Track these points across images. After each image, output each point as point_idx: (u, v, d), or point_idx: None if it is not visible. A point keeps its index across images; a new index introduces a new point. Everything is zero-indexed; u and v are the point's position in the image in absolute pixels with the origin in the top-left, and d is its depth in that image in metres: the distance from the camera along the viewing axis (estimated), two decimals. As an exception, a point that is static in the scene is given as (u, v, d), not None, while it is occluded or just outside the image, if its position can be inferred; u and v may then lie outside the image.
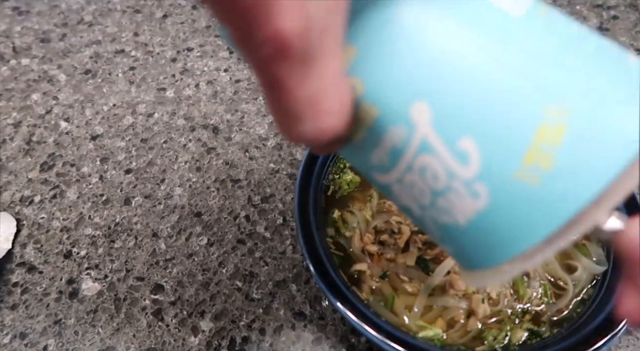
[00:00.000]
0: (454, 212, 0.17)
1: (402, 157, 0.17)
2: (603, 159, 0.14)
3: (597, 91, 0.14)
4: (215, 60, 0.59)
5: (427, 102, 0.16)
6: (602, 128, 0.14)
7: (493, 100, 0.15)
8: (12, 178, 0.47)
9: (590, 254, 0.37)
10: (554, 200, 0.15)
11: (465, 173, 0.16)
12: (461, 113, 0.15)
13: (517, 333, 0.33)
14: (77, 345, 0.37)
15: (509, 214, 0.15)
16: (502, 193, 0.15)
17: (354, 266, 0.37)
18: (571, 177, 0.14)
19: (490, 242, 0.16)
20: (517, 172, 0.15)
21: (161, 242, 0.43)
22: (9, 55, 0.60)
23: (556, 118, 0.14)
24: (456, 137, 0.15)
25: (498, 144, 0.15)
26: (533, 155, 0.14)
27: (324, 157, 0.41)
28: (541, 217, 0.15)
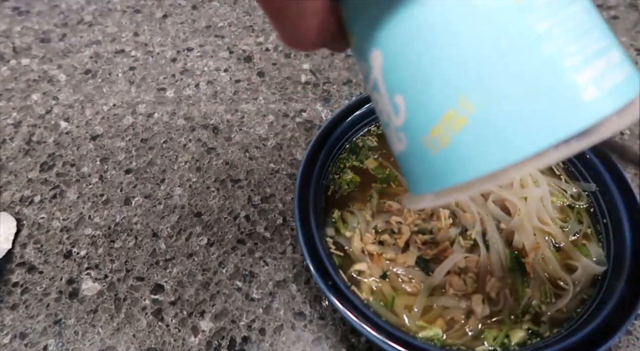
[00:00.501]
0: (390, 142, 0.21)
1: (367, 83, 0.21)
2: (476, 160, 0.17)
3: (507, 102, 0.16)
4: (215, 60, 0.59)
5: (382, 53, 0.18)
6: (489, 137, 0.16)
7: (424, 72, 0.17)
8: (12, 178, 0.47)
9: (590, 254, 0.37)
10: (438, 171, 0.18)
11: (396, 121, 0.19)
12: (401, 73, 0.18)
13: (517, 333, 0.33)
14: (77, 345, 0.37)
15: (414, 164, 0.19)
16: (412, 148, 0.19)
17: (354, 266, 0.37)
18: (455, 161, 0.17)
19: (407, 176, 0.21)
20: (424, 138, 0.18)
21: (161, 242, 0.43)
22: (9, 55, 0.60)
23: (463, 110, 0.16)
24: (394, 91, 0.18)
25: (418, 110, 0.18)
26: (437, 131, 0.17)
27: (324, 157, 0.41)
28: (429, 179, 0.19)
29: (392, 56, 0.18)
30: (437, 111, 0.17)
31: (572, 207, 0.40)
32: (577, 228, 0.39)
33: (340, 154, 0.43)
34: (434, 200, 0.19)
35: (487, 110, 0.16)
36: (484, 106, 0.16)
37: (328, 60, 0.59)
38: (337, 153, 0.43)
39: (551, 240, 0.38)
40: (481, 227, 0.38)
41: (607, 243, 0.37)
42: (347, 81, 0.56)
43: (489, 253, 0.37)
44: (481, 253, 0.37)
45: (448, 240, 0.38)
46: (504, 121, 0.16)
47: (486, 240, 0.37)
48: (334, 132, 0.42)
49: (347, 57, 0.59)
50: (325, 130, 0.42)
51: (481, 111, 0.16)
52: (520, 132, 0.16)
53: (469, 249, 0.37)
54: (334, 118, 0.43)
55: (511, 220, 0.38)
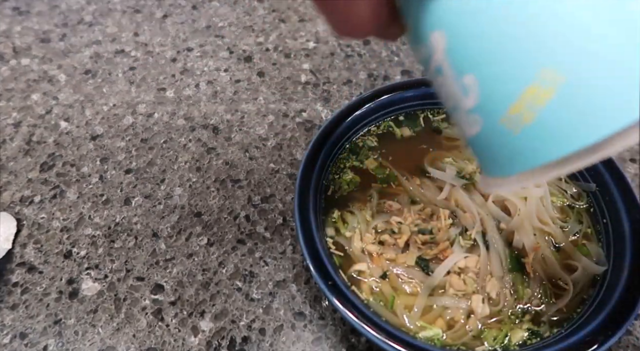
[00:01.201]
0: (461, 126, 0.20)
1: (428, 68, 0.20)
2: (570, 134, 0.15)
3: (599, 64, 0.15)
4: (215, 60, 0.59)
5: (444, 33, 0.17)
6: (583, 106, 0.15)
7: (499, 49, 0.16)
8: (12, 178, 0.47)
9: (590, 254, 0.37)
10: (524, 151, 0.17)
11: (466, 103, 0.18)
12: (469, 52, 0.17)
13: (517, 333, 0.33)
14: (77, 345, 0.37)
15: (493, 146, 0.18)
16: (490, 130, 0.18)
17: (354, 266, 0.37)
18: (542, 138, 0.16)
19: (483, 160, 0.20)
20: (503, 117, 0.17)
21: (161, 242, 0.43)
22: (9, 55, 0.60)
23: (548, 82, 0.15)
24: (463, 72, 0.17)
25: (493, 89, 0.17)
26: (519, 108, 0.16)
27: (324, 157, 0.41)
28: (513, 159, 0.17)
29: (457, 35, 0.17)
30: (516, 88, 0.16)
31: (572, 207, 0.40)
32: (577, 228, 0.39)
33: (340, 154, 0.43)
34: (517, 181, 0.18)
35: (579, 78, 0.15)
36: (575, 74, 0.15)
37: (328, 60, 0.59)
38: (337, 153, 0.43)
39: (551, 240, 0.38)
40: (481, 227, 0.38)
41: (607, 243, 0.37)
42: (347, 81, 0.56)
43: (489, 253, 0.37)
44: (481, 253, 0.37)
45: (448, 240, 0.38)
46: (599, 88, 0.15)
47: (486, 240, 0.37)
48: (334, 132, 0.42)
49: (347, 57, 0.59)
50: (325, 130, 0.42)
51: (572, 80, 0.15)
52: (619, 99, 0.14)
53: (469, 249, 0.37)
54: (334, 118, 0.43)
55: (511, 220, 0.38)
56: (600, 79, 0.15)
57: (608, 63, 0.15)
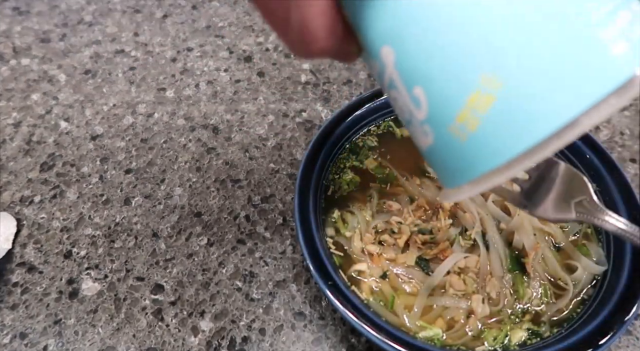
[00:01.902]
0: (416, 139, 0.20)
1: (382, 83, 0.20)
2: (512, 137, 0.16)
3: (535, 67, 0.15)
4: (215, 60, 0.59)
5: (392, 48, 0.18)
6: (522, 109, 0.15)
7: (442, 58, 0.16)
8: (12, 178, 0.47)
9: (590, 254, 0.37)
10: (472, 158, 0.17)
11: (418, 114, 0.18)
12: (416, 64, 0.17)
13: (517, 333, 0.33)
14: (77, 345, 0.37)
15: (445, 156, 0.18)
16: (440, 139, 0.18)
17: (354, 266, 0.37)
18: (487, 143, 0.16)
19: (439, 171, 0.20)
20: (451, 126, 0.17)
21: (161, 242, 0.43)
22: (9, 55, 0.60)
23: (488, 89, 0.16)
24: (412, 83, 0.18)
25: (439, 99, 0.17)
26: (464, 116, 0.17)
27: (324, 157, 0.41)
28: (463, 168, 0.18)
29: (403, 49, 0.17)
30: (460, 96, 0.16)
31: (572, 207, 0.40)
32: (577, 228, 0.39)
33: (340, 154, 0.43)
34: (471, 189, 0.18)
35: (515, 82, 0.15)
36: (510, 79, 0.15)
37: (328, 60, 0.59)
38: (337, 153, 0.43)
39: (551, 240, 0.38)
40: (481, 226, 0.38)
41: (607, 243, 0.37)
42: (347, 81, 0.56)
43: (489, 253, 0.37)
44: (481, 253, 0.37)
45: (448, 240, 0.38)
46: (535, 90, 0.15)
47: (486, 240, 0.37)
48: (334, 132, 0.42)
49: (347, 57, 0.59)
50: (325, 130, 0.42)
51: (509, 85, 0.15)
52: (555, 98, 0.15)
53: (469, 249, 0.37)
54: (334, 118, 0.43)
55: (511, 220, 0.38)
56: (535, 81, 0.15)
57: (540, 65, 0.15)
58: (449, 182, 0.19)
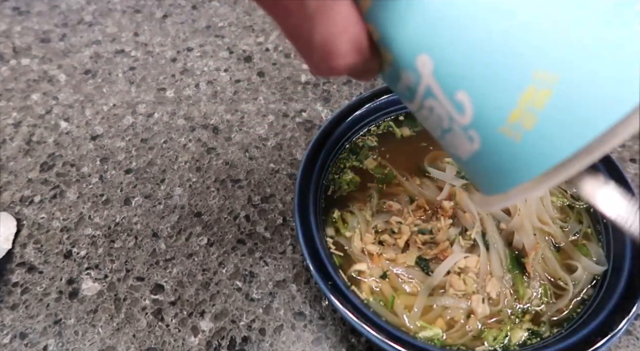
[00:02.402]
0: (457, 148, 0.19)
1: (416, 95, 0.19)
2: (575, 130, 0.15)
3: (592, 60, 0.15)
4: (215, 60, 0.59)
5: (429, 55, 0.17)
6: (583, 100, 0.15)
7: (487, 60, 0.16)
8: (12, 178, 0.47)
9: (590, 254, 0.37)
10: (530, 157, 0.16)
11: (461, 120, 0.18)
12: (458, 69, 0.17)
13: (517, 333, 0.33)
14: (77, 345, 0.37)
15: (495, 161, 0.18)
16: (490, 143, 0.17)
17: (354, 266, 0.37)
18: (547, 140, 0.16)
19: (484, 178, 0.19)
20: (502, 127, 0.16)
21: (161, 242, 0.43)
22: (9, 55, 0.60)
23: (544, 83, 0.15)
24: (454, 89, 0.17)
25: (488, 100, 0.16)
26: (518, 115, 0.16)
27: (324, 157, 0.41)
28: (518, 169, 0.17)
29: (442, 55, 0.17)
30: (512, 95, 0.16)
31: (572, 207, 0.40)
32: (577, 228, 0.39)
33: (340, 154, 0.43)
34: (524, 192, 0.17)
35: (572, 74, 0.15)
36: (568, 71, 0.15)
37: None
38: (337, 153, 0.43)
39: (551, 240, 0.38)
40: (481, 226, 0.38)
41: (607, 243, 0.37)
42: (347, 81, 0.56)
43: (489, 253, 0.37)
44: (481, 253, 0.37)
45: (448, 240, 0.38)
46: (594, 81, 0.15)
47: (486, 240, 0.37)
48: (334, 132, 0.42)
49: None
50: (325, 130, 0.42)
51: (566, 78, 0.15)
52: (616, 86, 0.14)
53: (469, 249, 0.37)
54: (334, 118, 0.43)
55: (511, 220, 0.38)
56: (594, 71, 0.15)
57: (599, 53, 0.15)
58: (497, 187, 0.18)
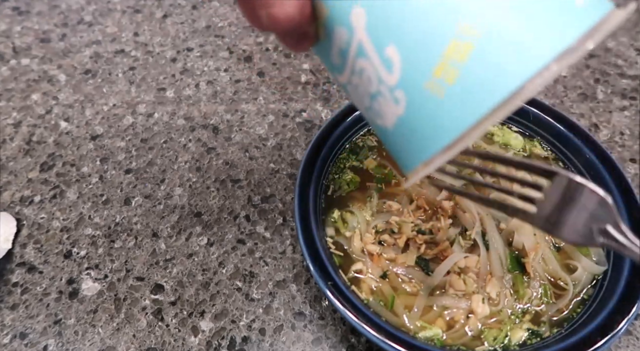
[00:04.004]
0: (383, 115, 0.19)
1: (347, 58, 0.19)
2: (494, 83, 0.15)
3: (511, 16, 0.15)
4: (215, 60, 0.59)
5: (363, 8, 0.17)
6: (500, 55, 0.15)
7: (416, 14, 0.16)
8: (12, 178, 0.47)
9: (590, 254, 0.37)
10: (454, 112, 0.16)
11: (389, 79, 0.17)
12: (389, 23, 0.17)
13: (517, 333, 0.33)
14: (77, 345, 0.37)
15: (418, 122, 0.17)
16: (415, 102, 0.17)
17: (354, 266, 0.37)
18: (467, 95, 0.16)
19: (406, 145, 0.19)
20: (427, 83, 0.16)
21: (161, 242, 0.43)
22: (9, 55, 0.60)
23: (467, 36, 0.15)
24: (384, 44, 0.17)
25: (415, 55, 0.16)
26: (441, 69, 0.16)
27: (324, 157, 0.41)
28: (441, 127, 0.17)
29: (376, 6, 0.17)
30: (437, 47, 0.16)
31: (572, 207, 0.40)
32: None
33: (340, 154, 0.43)
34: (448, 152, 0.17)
35: (492, 28, 0.15)
36: (488, 25, 0.15)
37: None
38: (337, 153, 0.43)
39: (551, 240, 0.38)
40: (481, 227, 0.38)
41: (607, 243, 0.37)
42: (347, 81, 0.56)
43: (489, 253, 0.37)
44: (481, 253, 0.37)
45: (448, 240, 0.38)
46: (513, 35, 0.15)
47: (486, 240, 0.37)
48: (334, 132, 0.42)
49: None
50: (325, 130, 0.42)
51: (486, 31, 0.15)
52: (534, 40, 0.15)
53: (468, 249, 0.37)
54: (334, 118, 0.43)
55: (511, 220, 0.38)
56: (511, 26, 0.15)
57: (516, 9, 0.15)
58: (422, 153, 0.18)
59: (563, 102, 0.54)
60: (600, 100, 0.55)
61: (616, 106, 0.54)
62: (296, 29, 0.19)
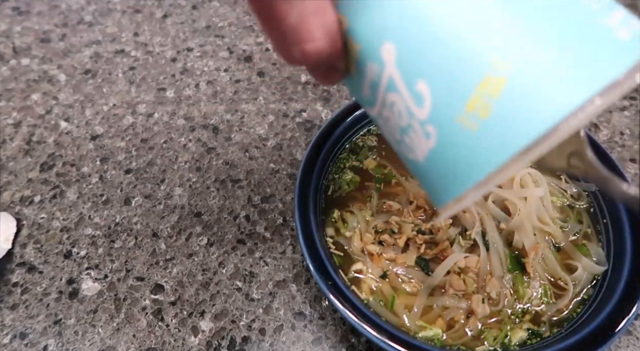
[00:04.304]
0: (415, 149, 0.19)
1: (378, 92, 0.19)
2: (529, 119, 0.15)
3: (546, 49, 0.15)
4: (215, 60, 0.59)
5: (394, 44, 0.17)
6: (537, 89, 0.15)
7: (446, 48, 0.16)
8: (12, 178, 0.47)
9: (590, 254, 0.37)
10: (488, 147, 0.16)
11: (420, 114, 0.18)
12: (419, 58, 0.17)
13: (517, 333, 0.33)
14: (77, 345, 0.37)
15: (452, 156, 0.17)
16: (446, 136, 0.17)
17: (354, 266, 0.37)
18: (502, 129, 0.15)
19: (438, 179, 0.18)
20: (459, 117, 0.16)
21: (161, 242, 0.43)
22: (9, 55, 0.60)
23: (499, 71, 0.15)
24: (414, 79, 0.17)
25: (446, 90, 0.16)
26: (474, 104, 0.16)
27: (324, 157, 0.41)
28: (473, 162, 0.16)
29: (406, 42, 0.17)
30: (469, 83, 0.16)
31: (572, 207, 0.40)
32: (577, 228, 0.39)
33: (340, 154, 0.43)
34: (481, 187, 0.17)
35: (526, 62, 0.15)
36: (521, 59, 0.15)
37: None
38: (337, 153, 0.43)
39: (551, 240, 0.38)
40: (481, 226, 0.38)
41: (607, 243, 0.37)
42: (347, 81, 0.56)
43: (488, 253, 0.37)
44: (481, 253, 0.37)
45: (448, 240, 0.38)
46: (546, 72, 0.15)
47: (486, 240, 0.37)
48: (334, 132, 0.42)
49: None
50: (325, 130, 0.42)
51: (520, 66, 0.15)
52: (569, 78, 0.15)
53: (468, 249, 0.37)
54: (334, 118, 0.43)
55: (511, 220, 0.38)
56: (546, 61, 0.15)
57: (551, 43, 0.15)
58: (454, 188, 0.18)
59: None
60: (600, 100, 0.55)
61: (616, 106, 0.54)
62: (327, 64, 0.20)
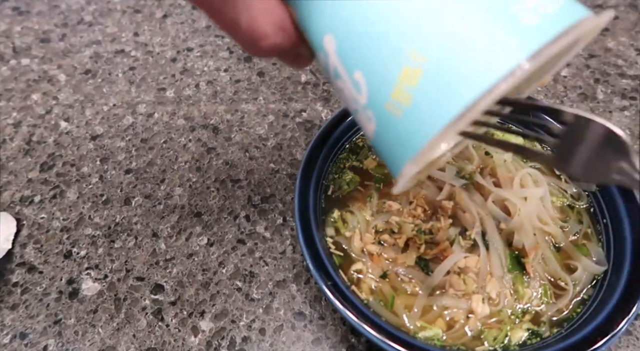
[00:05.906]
0: (365, 129, 0.21)
1: (330, 77, 0.21)
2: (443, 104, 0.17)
3: (459, 38, 0.16)
4: (215, 60, 0.59)
5: (333, 36, 0.19)
6: (448, 78, 0.16)
7: (372, 41, 0.18)
8: (12, 178, 0.47)
9: (590, 254, 0.37)
10: (409, 132, 0.18)
11: (360, 100, 0.19)
12: (353, 49, 0.18)
13: (517, 333, 0.33)
14: (77, 345, 0.37)
15: (387, 138, 0.19)
16: (381, 121, 0.19)
17: (354, 266, 0.37)
18: (423, 114, 0.17)
19: (386, 157, 0.20)
20: (387, 104, 0.18)
21: (161, 242, 0.43)
22: (9, 55, 0.60)
23: (416, 62, 0.17)
24: (352, 69, 0.19)
25: (376, 79, 0.18)
26: (397, 92, 0.17)
27: (324, 157, 0.41)
28: (405, 145, 0.18)
29: (341, 36, 0.19)
30: (392, 73, 0.17)
31: (572, 207, 0.40)
32: (577, 228, 0.39)
33: (340, 154, 0.43)
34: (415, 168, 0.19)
35: (437, 54, 0.16)
36: (433, 51, 0.16)
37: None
38: (337, 153, 0.43)
39: (551, 240, 0.38)
40: (481, 227, 0.38)
41: (607, 243, 0.37)
42: (347, 81, 0.56)
43: (488, 253, 0.37)
44: (481, 253, 0.37)
45: (448, 240, 0.38)
46: (456, 59, 0.16)
47: (486, 240, 0.37)
48: (334, 132, 0.42)
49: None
50: (325, 130, 0.42)
51: (432, 57, 0.16)
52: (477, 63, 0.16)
53: (468, 249, 0.37)
54: (334, 118, 0.43)
55: (511, 220, 0.38)
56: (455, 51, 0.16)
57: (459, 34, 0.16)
58: (396, 164, 0.20)
59: (563, 102, 0.54)
60: (600, 100, 0.55)
61: (616, 106, 0.54)
62: (289, 52, 0.22)
